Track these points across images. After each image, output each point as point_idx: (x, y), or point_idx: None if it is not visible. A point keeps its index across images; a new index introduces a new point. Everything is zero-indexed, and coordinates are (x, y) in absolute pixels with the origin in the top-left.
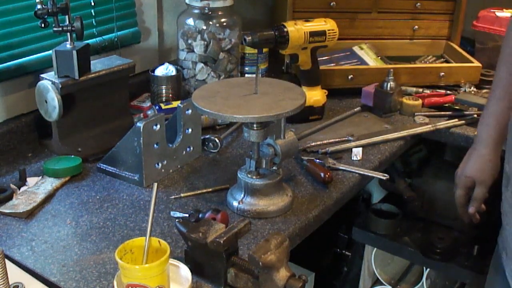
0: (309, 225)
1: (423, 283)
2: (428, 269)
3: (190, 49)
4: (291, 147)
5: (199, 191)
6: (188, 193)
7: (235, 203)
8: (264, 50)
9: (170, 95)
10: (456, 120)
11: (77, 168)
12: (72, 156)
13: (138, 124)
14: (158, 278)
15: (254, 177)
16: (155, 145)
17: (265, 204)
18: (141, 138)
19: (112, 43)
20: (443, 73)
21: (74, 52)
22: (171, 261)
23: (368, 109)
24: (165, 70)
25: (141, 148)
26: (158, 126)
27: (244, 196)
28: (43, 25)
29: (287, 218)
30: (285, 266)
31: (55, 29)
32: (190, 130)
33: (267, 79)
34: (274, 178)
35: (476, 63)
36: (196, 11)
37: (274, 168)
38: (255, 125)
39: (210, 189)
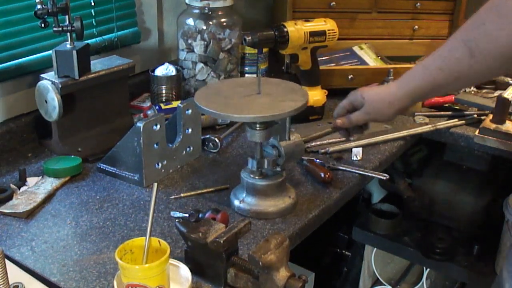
0: (309, 225)
1: (423, 283)
2: (428, 269)
3: (190, 49)
4: (296, 149)
5: (199, 191)
6: (188, 193)
7: (236, 202)
8: (264, 50)
9: (170, 95)
10: (456, 120)
11: (77, 168)
12: (72, 156)
13: (138, 124)
14: (158, 278)
15: (256, 177)
16: (155, 145)
17: (265, 204)
18: (141, 138)
19: (112, 43)
20: None
21: (74, 52)
22: (171, 261)
23: None
24: (165, 70)
25: (141, 148)
26: (158, 126)
27: (245, 195)
28: (43, 25)
29: (287, 218)
30: (285, 266)
31: (55, 29)
32: (190, 130)
33: (273, 80)
34: (276, 179)
35: None
36: (196, 11)
37: (277, 169)
38: (257, 125)
39: (210, 189)
